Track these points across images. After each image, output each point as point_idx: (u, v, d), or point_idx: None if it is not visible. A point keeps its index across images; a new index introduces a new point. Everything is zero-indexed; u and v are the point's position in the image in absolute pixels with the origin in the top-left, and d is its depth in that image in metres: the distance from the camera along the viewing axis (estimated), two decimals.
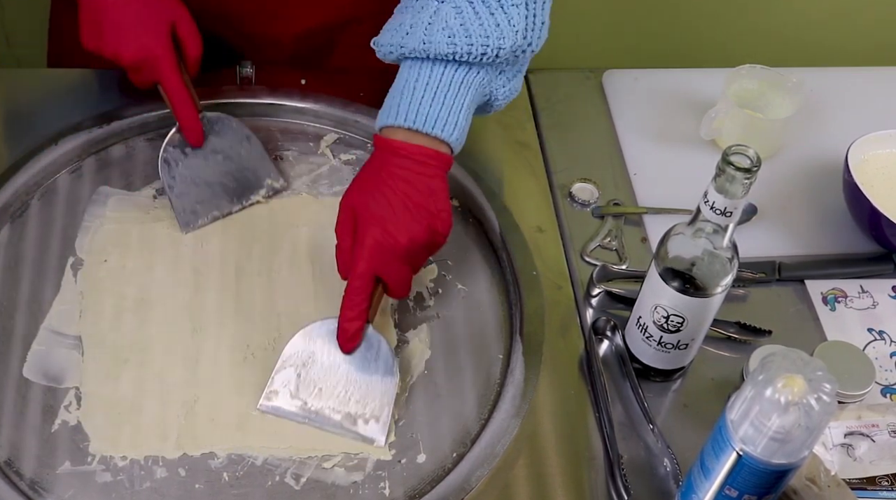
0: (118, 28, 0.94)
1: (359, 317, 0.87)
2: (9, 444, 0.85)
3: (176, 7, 0.97)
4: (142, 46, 0.94)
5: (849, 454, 0.87)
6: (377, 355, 0.89)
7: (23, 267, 0.96)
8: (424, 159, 0.86)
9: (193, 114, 0.99)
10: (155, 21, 0.95)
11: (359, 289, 0.86)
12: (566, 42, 1.86)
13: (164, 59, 0.95)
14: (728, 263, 0.84)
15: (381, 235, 0.85)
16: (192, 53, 0.98)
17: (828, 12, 1.85)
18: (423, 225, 0.86)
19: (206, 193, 1.01)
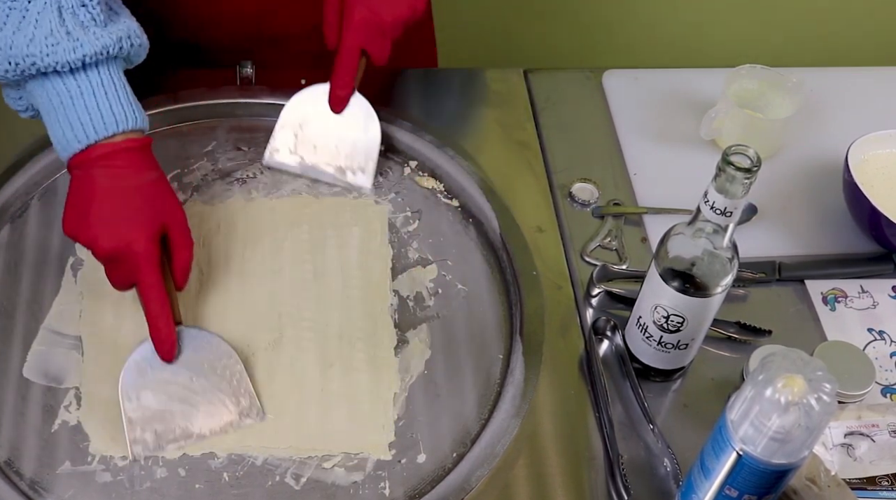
0: (102, 217, 0.85)
1: (348, 84, 1.01)
2: (9, 444, 0.85)
3: (172, 210, 0.88)
4: (120, 236, 0.84)
5: (849, 454, 0.87)
6: (365, 117, 1.03)
7: (23, 267, 0.96)
8: None
9: (168, 325, 0.86)
10: (145, 218, 0.85)
11: (348, 60, 0.99)
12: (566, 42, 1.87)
13: (143, 255, 0.84)
14: (728, 263, 0.84)
15: (368, 14, 0.96)
16: (179, 261, 0.88)
17: (828, 12, 1.86)
18: (404, 5, 0.97)
19: (169, 419, 0.87)
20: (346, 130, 1.04)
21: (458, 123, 1.13)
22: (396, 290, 0.98)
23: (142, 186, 0.86)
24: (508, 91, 1.18)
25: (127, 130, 0.85)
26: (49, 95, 0.84)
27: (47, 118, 0.85)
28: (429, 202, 1.06)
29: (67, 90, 0.83)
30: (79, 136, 0.84)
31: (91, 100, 0.84)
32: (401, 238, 1.02)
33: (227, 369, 0.89)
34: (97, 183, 0.84)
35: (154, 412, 0.86)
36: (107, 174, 0.85)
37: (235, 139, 1.09)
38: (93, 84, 0.84)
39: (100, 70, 0.84)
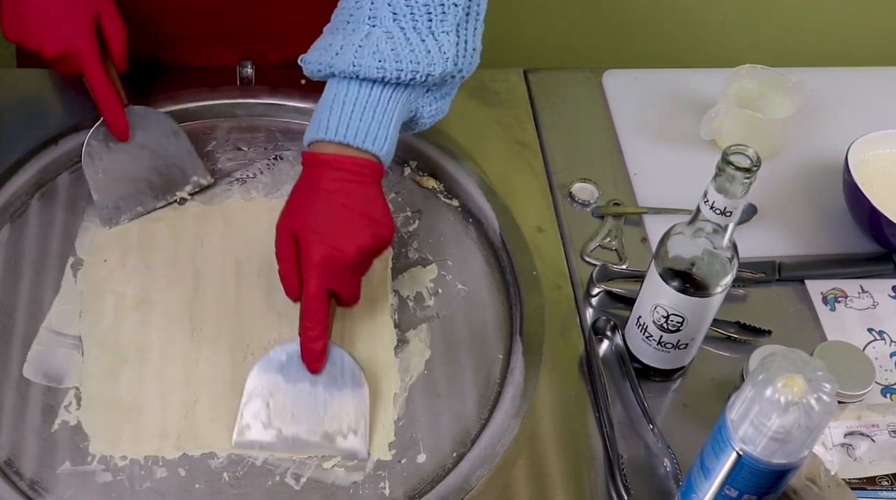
0: (40, 19, 0.93)
1: (321, 336, 0.86)
2: (9, 444, 0.85)
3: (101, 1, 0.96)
4: (64, 38, 0.93)
5: (849, 454, 0.87)
6: (342, 369, 0.88)
7: (23, 267, 0.96)
8: (358, 169, 0.86)
9: (118, 107, 0.98)
10: (78, 13, 0.94)
11: (316, 307, 0.85)
12: (566, 42, 1.87)
13: (86, 51, 0.94)
14: (728, 262, 0.84)
15: (329, 251, 0.84)
16: (116, 46, 0.97)
17: (828, 12, 1.85)
18: (367, 234, 0.86)
19: (130, 189, 1.00)
20: (326, 388, 0.88)
21: (458, 123, 1.13)
22: (396, 290, 0.98)
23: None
24: (508, 91, 1.18)
25: None
26: None
27: None
28: (429, 202, 1.06)
29: None
30: None
31: None
32: (401, 238, 1.02)
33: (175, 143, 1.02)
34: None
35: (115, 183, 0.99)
36: None
37: (235, 139, 1.09)
38: None
39: None
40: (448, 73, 0.89)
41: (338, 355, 0.89)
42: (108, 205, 0.99)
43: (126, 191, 1.00)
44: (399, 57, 0.86)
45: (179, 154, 1.02)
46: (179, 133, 1.03)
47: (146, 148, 1.01)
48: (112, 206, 0.99)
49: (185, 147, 1.03)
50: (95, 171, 0.99)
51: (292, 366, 0.88)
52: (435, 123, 0.95)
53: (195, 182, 1.02)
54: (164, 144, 1.02)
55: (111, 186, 0.99)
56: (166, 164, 1.01)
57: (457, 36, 0.89)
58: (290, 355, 0.88)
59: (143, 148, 1.01)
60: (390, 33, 0.86)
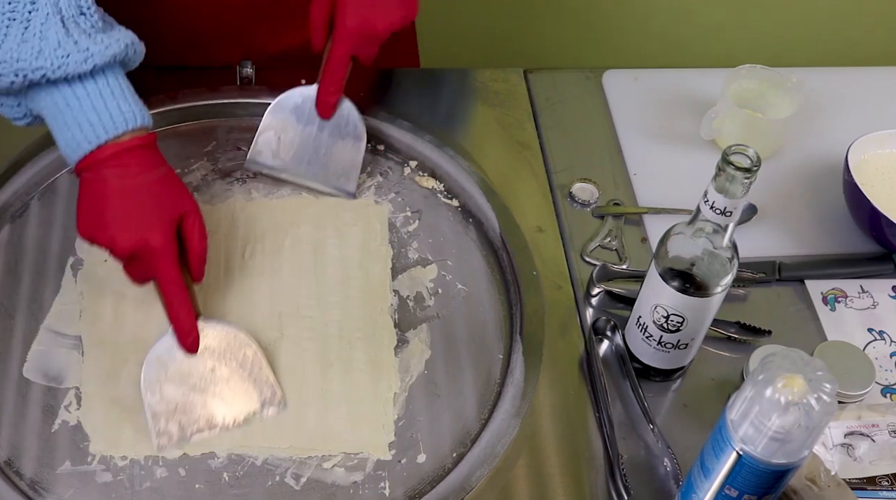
0: (118, 217, 0.85)
1: (337, 91, 1.00)
2: (9, 444, 0.85)
3: (185, 201, 0.88)
4: (139, 237, 0.84)
5: (849, 454, 0.87)
6: (347, 121, 1.02)
7: (23, 267, 0.96)
8: None
9: (190, 317, 0.88)
10: (159, 213, 0.86)
11: (339, 68, 0.98)
12: (566, 42, 1.87)
13: (161, 252, 0.85)
14: (728, 262, 0.84)
15: (362, 22, 0.95)
16: (196, 250, 0.88)
17: (828, 12, 1.86)
18: (398, 13, 0.96)
19: (192, 411, 0.88)
20: (329, 134, 1.03)
21: (458, 123, 1.13)
22: (396, 290, 0.98)
23: (153, 183, 0.86)
24: (508, 91, 1.18)
25: (136, 127, 0.85)
26: (55, 100, 0.83)
27: (53, 122, 0.84)
28: (429, 202, 1.06)
29: (75, 94, 0.83)
30: (88, 137, 0.83)
31: (99, 101, 0.83)
32: (401, 238, 1.02)
33: (246, 358, 0.90)
34: (109, 183, 0.84)
35: (178, 404, 0.87)
36: (118, 174, 0.84)
37: (235, 139, 1.09)
38: (100, 87, 0.84)
39: (106, 73, 0.84)
40: None
41: (346, 109, 1.02)
42: (167, 429, 0.86)
43: (187, 413, 0.87)
44: None
45: (251, 375, 0.90)
46: (253, 348, 0.90)
47: (215, 365, 0.89)
48: (171, 429, 0.87)
49: (258, 366, 0.90)
50: (153, 393, 0.87)
51: (305, 108, 1.02)
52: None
53: (265, 404, 0.89)
54: (234, 361, 0.90)
55: (172, 409, 0.87)
56: (234, 383, 0.89)
57: None
58: (305, 98, 1.01)
59: (212, 365, 0.89)
60: None
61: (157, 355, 0.88)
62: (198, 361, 0.89)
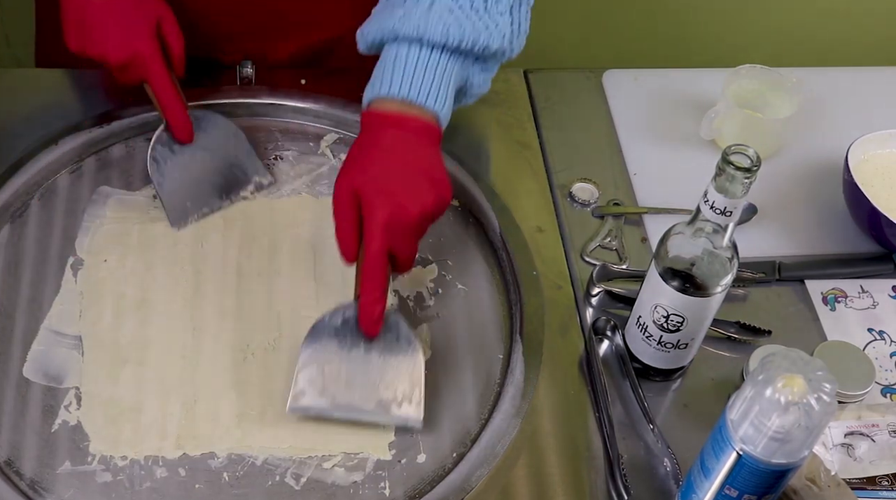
0: (103, 28, 0.94)
1: (381, 298, 0.85)
2: (9, 444, 0.85)
3: (159, 5, 0.97)
4: (129, 45, 0.94)
5: (849, 454, 0.87)
6: (398, 335, 0.87)
7: (23, 267, 0.96)
8: (420, 128, 0.87)
9: (182, 111, 0.99)
10: (140, 20, 0.95)
11: (377, 268, 0.84)
12: (566, 42, 1.87)
13: (151, 57, 0.95)
14: (728, 262, 0.84)
15: (394, 210, 0.83)
16: (176, 51, 0.98)
17: (828, 12, 1.85)
18: (431, 195, 0.85)
19: (195, 190, 1.01)
20: (381, 355, 0.87)
21: (458, 123, 1.13)
22: (396, 290, 0.98)
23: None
24: (508, 91, 1.18)
25: None
26: None
27: None
28: None
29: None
30: None
31: None
32: None
33: (236, 144, 1.02)
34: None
35: (181, 186, 1.00)
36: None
37: None
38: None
39: None
40: (501, 49, 0.91)
41: (394, 321, 0.88)
42: (176, 207, 1.00)
43: (191, 192, 1.01)
44: (462, 26, 0.87)
45: (240, 154, 1.03)
46: (239, 134, 1.04)
47: (208, 150, 1.02)
48: (180, 207, 1.00)
49: (244, 148, 1.04)
50: (161, 174, 1.00)
51: (347, 331, 0.87)
52: (477, 99, 0.96)
53: (256, 182, 1.03)
54: (224, 145, 1.03)
55: (177, 189, 1.00)
56: (228, 164, 1.03)
57: (510, 16, 0.91)
58: (346, 319, 0.87)
59: (206, 150, 1.02)
60: (451, 8, 0.87)
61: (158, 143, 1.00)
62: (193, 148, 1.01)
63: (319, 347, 0.87)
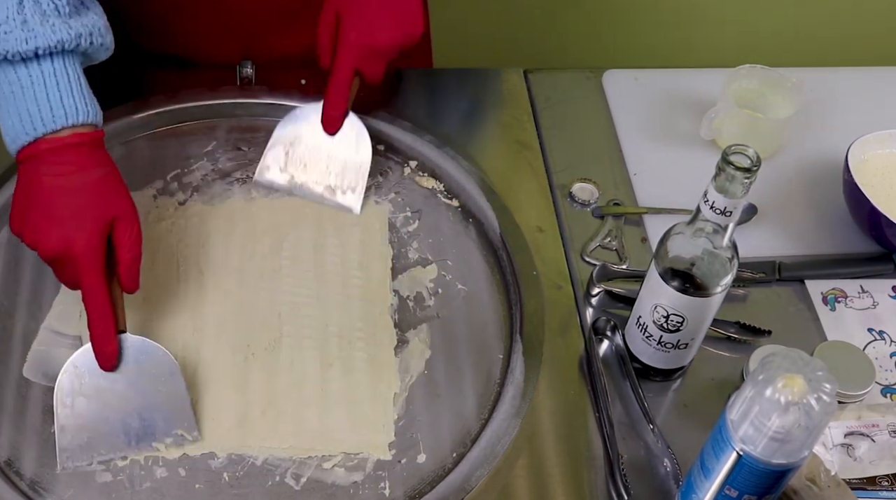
0: (44, 218, 0.82)
1: (342, 104, 1.00)
2: (9, 444, 0.85)
3: (120, 205, 0.84)
4: (62, 239, 0.81)
5: (849, 454, 0.87)
6: (357, 137, 1.02)
7: (23, 267, 0.96)
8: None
9: (109, 330, 0.83)
10: (87, 217, 0.82)
11: (342, 80, 0.98)
12: (566, 42, 1.87)
13: (83, 258, 0.81)
14: (728, 262, 0.84)
15: (363, 36, 0.95)
16: (125, 259, 0.84)
17: (828, 12, 1.86)
18: (399, 28, 0.97)
19: (101, 430, 0.84)
20: (337, 150, 1.03)
21: (458, 123, 1.13)
22: (396, 290, 0.98)
23: (87, 184, 0.83)
24: (508, 91, 1.18)
25: (77, 124, 0.82)
26: (0, 83, 0.82)
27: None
28: (429, 202, 1.06)
29: (19, 79, 0.81)
30: (27, 128, 0.81)
31: (41, 91, 0.81)
32: (401, 238, 1.02)
33: (167, 383, 0.86)
34: (41, 181, 0.82)
35: (87, 421, 0.83)
36: (51, 172, 0.82)
37: (235, 139, 1.09)
38: (45, 75, 0.81)
39: (54, 62, 0.82)
40: None
41: (356, 123, 1.02)
42: (72, 444, 0.84)
43: (96, 430, 0.84)
44: None
45: (170, 401, 0.86)
46: (176, 375, 0.86)
47: (132, 386, 0.85)
48: (75, 445, 0.84)
49: (179, 393, 0.86)
50: (67, 404, 0.84)
51: (315, 124, 1.02)
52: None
53: (177, 436, 0.85)
54: (155, 385, 0.86)
55: (81, 423, 0.84)
56: (150, 408, 0.85)
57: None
58: (317, 114, 1.01)
59: (130, 385, 0.85)
60: None
61: (75, 365, 0.84)
62: (116, 377, 0.84)
63: (289, 131, 1.03)
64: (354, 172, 1.03)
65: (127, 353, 0.85)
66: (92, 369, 0.84)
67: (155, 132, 1.07)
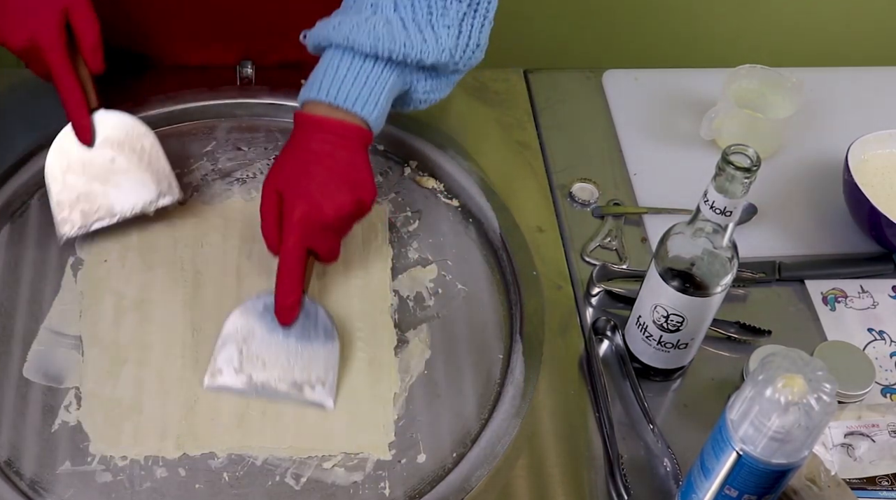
0: (5, 13, 0.90)
1: (294, 290, 0.89)
2: (9, 444, 0.85)
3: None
4: (28, 33, 0.89)
5: (849, 454, 0.87)
6: (316, 323, 0.91)
7: (23, 267, 0.96)
8: (344, 133, 0.88)
9: (81, 106, 0.92)
10: (44, 6, 0.89)
11: (292, 263, 0.88)
12: (566, 42, 1.87)
13: (50, 46, 0.89)
14: (728, 262, 0.84)
15: (309, 210, 0.87)
16: (86, 43, 0.91)
17: (828, 12, 1.85)
18: (347, 197, 0.88)
19: (92, 198, 0.94)
20: (297, 341, 0.90)
21: (458, 123, 1.13)
22: (396, 290, 0.98)
23: None
24: (508, 91, 1.18)
25: None
26: None
27: None
28: (429, 202, 1.06)
29: None
30: None
31: None
32: (401, 238, 1.02)
33: (144, 150, 0.95)
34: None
35: (79, 193, 0.93)
36: None
37: (235, 139, 1.09)
38: None
39: None
40: (443, 63, 0.91)
41: (313, 309, 0.91)
42: (71, 216, 0.93)
43: (88, 199, 0.94)
44: (393, 39, 0.88)
45: (150, 164, 0.95)
46: (151, 141, 0.96)
47: (111, 156, 0.94)
48: (74, 215, 0.94)
49: (157, 156, 0.96)
50: (58, 179, 0.93)
51: (269, 316, 0.90)
52: (432, 104, 0.95)
53: (161, 195, 0.96)
54: (132, 150, 0.95)
55: (74, 196, 0.93)
56: (130, 171, 0.95)
57: (458, 30, 0.90)
58: (268, 305, 0.90)
59: (109, 156, 0.94)
60: (389, 21, 0.88)
61: (60, 144, 0.92)
62: (98, 151, 0.93)
63: (240, 327, 0.91)
64: (322, 362, 0.90)
65: (105, 128, 0.94)
66: (76, 145, 0.94)
67: (155, 132, 1.07)
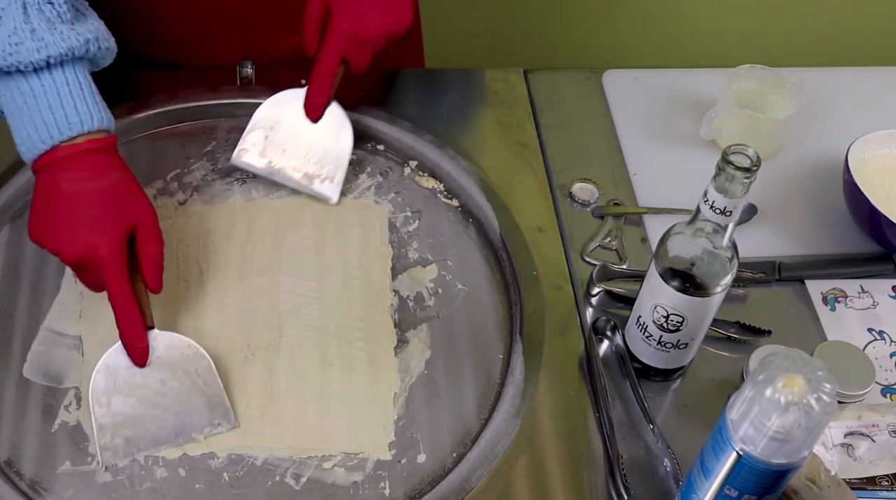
0: (65, 224, 0.83)
1: (326, 92, 1.00)
2: (9, 444, 0.85)
3: (140, 208, 0.86)
4: (86, 244, 0.82)
5: (849, 454, 0.87)
6: (338, 127, 1.01)
7: (23, 267, 0.96)
8: None
9: (139, 329, 0.85)
10: (109, 221, 0.83)
11: (328, 68, 0.98)
12: (566, 42, 1.87)
13: (108, 261, 0.83)
14: (728, 262, 0.84)
15: (353, 23, 0.95)
16: (149, 261, 0.85)
17: (828, 12, 1.86)
18: (389, 17, 0.97)
19: (139, 426, 0.86)
20: (317, 137, 1.02)
21: (458, 123, 1.13)
22: (396, 290, 0.98)
23: (106, 188, 0.84)
24: (508, 91, 1.18)
25: (92, 129, 0.83)
26: (13, 94, 0.82)
27: (11, 119, 0.83)
28: (429, 202, 1.06)
29: (31, 90, 0.82)
30: (42, 136, 0.82)
31: (55, 100, 0.82)
32: (401, 238, 1.02)
33: (199, 374, 0.87)
34: (61, 187, 0.83)
35: (125, 418, 0.85)
36: (70, 177, 0.83)
37: (235, 139, 1.08)
38: (57, 84, 0.82)
39: (65, 70, 0.82)
40: None
41: (338, 113, 1.02)
42: (112, 443, 0.85)
43: (135, 427, 0.86)
44: None
45: (204, 392, 0.87)
46: (208, 366, 0.88)
47: (166, 380, 0.87)
48: (116, 443, 0.85)
49: (212, 382, 0.88)
50: (103, 403, 0.85)
51: (297, 110, 1.01)
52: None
53: (214, 425, 0.87)
54: (187, 377, 0.87)
55: (119, 421, 0.85)
56: (185, 400, 0.87)
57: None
58: (300, 100, 1.01)
59: (163, 380, 0.87)
60: None
61: (107, 364, 0.85)
62: (148, 373, 0.86)
63: (270, 115, 1.02)
64: (334, 161, 1.02)
65: (157, 348, 0.86)
66: (125, 367, 0.86)
67: (155, 132, 1.07)
